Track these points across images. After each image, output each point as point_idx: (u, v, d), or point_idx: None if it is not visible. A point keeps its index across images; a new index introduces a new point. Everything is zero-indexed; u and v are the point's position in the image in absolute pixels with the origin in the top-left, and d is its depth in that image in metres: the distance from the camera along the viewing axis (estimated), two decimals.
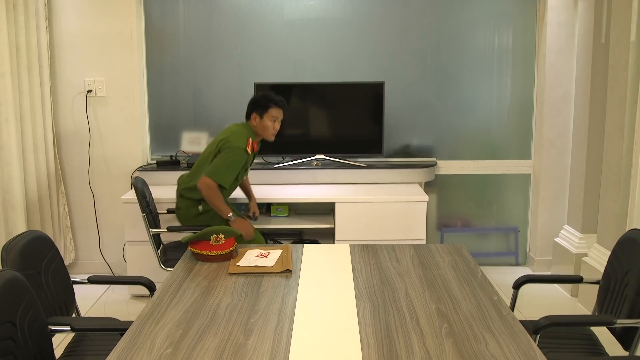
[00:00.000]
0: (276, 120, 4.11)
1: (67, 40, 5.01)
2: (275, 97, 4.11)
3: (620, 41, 4.16)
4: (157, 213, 4.45)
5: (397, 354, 2.06)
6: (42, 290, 2.70)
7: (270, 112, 4.07)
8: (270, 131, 4.12)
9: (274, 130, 4.13)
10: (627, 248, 2.78)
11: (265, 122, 4.08)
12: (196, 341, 2.16)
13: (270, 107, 4.07)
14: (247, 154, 4.03)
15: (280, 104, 4.11)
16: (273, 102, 4.08)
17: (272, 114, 4.08)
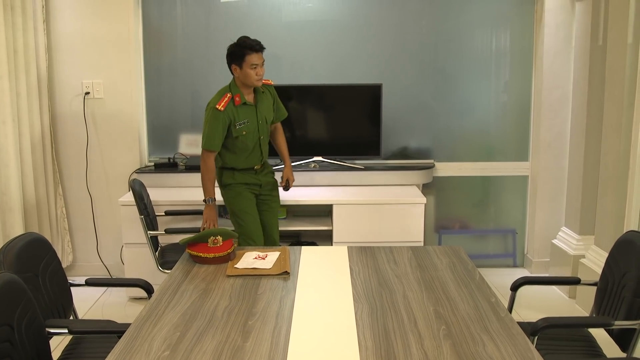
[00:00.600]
0: (257, 67, 3.85)
1: (65, 43, 5.01)
2: (250, 41, 3.86)
3: (618, 43, 4.16)
4: (154, 215, 4.45)
5: (395, 355, 2.06)
6: (40, 293, 2.70)
7: (248, 59, 3.83)
8: (254, 78, 3.88)
9: (258, 76, 3.88)
10: (625, 250, 2.78)
11: (245, 71, 3.86)
12: (194, 344, 2.16)
13: (246, 55, 3.82)
14: (219, 110, 3.86)
15: (256, 47, 3.84)
16: (248, 47, 3.83)
17: (251, 62, 3.83)
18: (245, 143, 4.01)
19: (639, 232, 2.77)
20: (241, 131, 3.96)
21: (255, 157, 4.09)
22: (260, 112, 4.04)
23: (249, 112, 3.99)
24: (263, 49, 3.88)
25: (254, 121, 4.00)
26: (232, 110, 3.92)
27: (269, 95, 4.13)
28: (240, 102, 3.94)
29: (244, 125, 3.97)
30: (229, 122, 3.93)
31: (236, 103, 3.92)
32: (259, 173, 4.15)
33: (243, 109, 3.96)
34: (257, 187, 4.16)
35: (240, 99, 3.94)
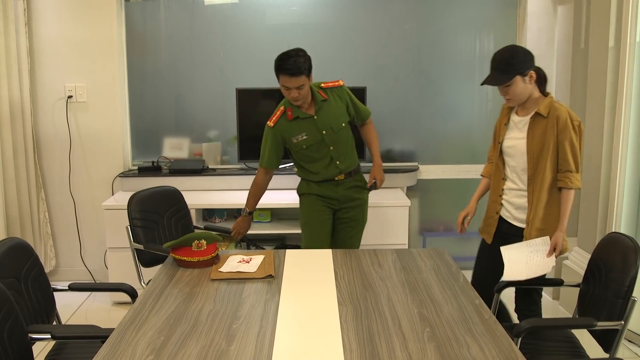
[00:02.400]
0: (289, 90, 3.55)
1: (47, 46, 4.98)
2: (280, 61, 3.53)
3: (599, 46, 4.20)
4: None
5: (380, 358, 2.06)
6: (22, 298, 2.68)
7: (280, 79, 3.56)
8: (288, 97, 3.62)
9: (292, 98, 3.59)
10: (607, 251, 2.80)
11: (282, 90, 3.61)
12: (178, 348, 2.15)
13: (279, 74, 3.56)
14: (269, 127, 3.72)
15: (283, 68, 3.50)
16: (277, 67, 3.55)
17: (282, 82, 3.56)
18: (310, 156, 3.78)
19: (621, 234, 2.80)
20: (301, 145, 3.74)
21: (332, 168, 3.79)
22: (322, 122, 3.72)
23: (307, 125, 3.71)
24: (296, 73, 3.50)
25: (315, 133, 3.71)
26: (285, 125, 3.72)
27: (337, 100, 3.80)
28: (293, 116, 3.70)
29: (303, 140, 3.72)
30: (282, 138, 3.75)
31: (288, 117, 3.70)
32: (340, 185, 3.85)
33: (298, 122, 3.71)
34: (335, 201, 3.86)
35: (292, 113, 3.70)
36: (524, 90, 3.06)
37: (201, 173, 5.05)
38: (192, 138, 5.30)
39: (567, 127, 3.00)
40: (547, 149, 3.05)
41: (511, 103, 3.15)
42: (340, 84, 3.86)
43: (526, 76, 3.04)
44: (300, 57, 3.54)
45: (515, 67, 3.01)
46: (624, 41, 3.95)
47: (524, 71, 3.02)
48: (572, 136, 3.00)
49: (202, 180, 5.04)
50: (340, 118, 3.79)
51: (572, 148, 3.01)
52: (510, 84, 3.04)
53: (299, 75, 3.50)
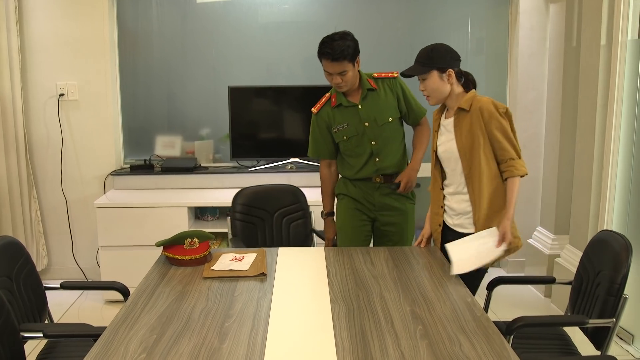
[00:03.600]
0: (332, 75, 3.37)
1: (39, 44, 4.96)
2: (323, 46, 3.32)
3: (591, 44, 4.21)
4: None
5: (372, 356, 2.06)
6: (14, 297, 2.67)
7: (323, 64, 3.37)
8: (331, 83, 3.43)
9: (336, 84, 3.40)
10: (599, 249, 2.81)
11: (325, 76, 3.43)
12: (170, 346, 2.15)
13: (322, 58, 3.36)
14: (314, 113, 3.55)
15: (326, 54, 3.30)
16: (319, 52, 3.35)
17: (325, 67, 3.37)
18: (351, 149, 3.54)
19: (612, 232, 2.81)
20: (341, 136, 3.52)
21: (370, 166, 3.54)
22: (367, 113, 3.48)
23: (350, 114, 3.49)
24: (339, 57, 3.29)
25: (356, 124, 3.48)
26: (329, 112, 3.53)
27: (387, 92, 3.54)
28: (336, 103, 3.50)
29: (343, 130, 3.50)
30: (326, 126, 3.56)
31: (332, 104, 3.51)
32: (378, 190, 3.59)
33: (341, 110, 3.50)
34: (371, 206, 3.61)
35: (336, 100, 3.50)
36: (441, 87, 3.02)
37: (193, 171, 5.04)
38: (185, 136, 5.29)
39: (493, 116, 2.91)
40: (477, 144, 2.95)
41: (430, 101, 3.09)
42: (394, 75, 3.57)
43: (444, 73, 3.00)
44: (346, 41, 3.31)
45: (433, 60, 3.00)
46: (616, 39, 3.97)
47: (441, 67, 2.99)
48: (501, 123, 2.91)
49: (194, 178, 5.04)
50: (388, 111, 3.51)
51: (506, 135, 2.91)
52: (427, 77, 3.02)
53: (342, 60, 3.29)
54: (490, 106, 2.93)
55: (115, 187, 5.07)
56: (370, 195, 3.59)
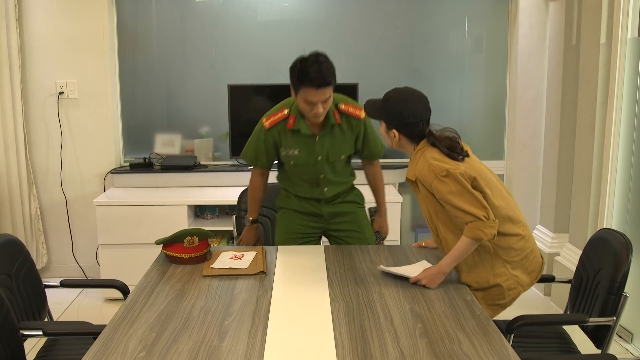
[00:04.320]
0: (314, 105, 2.97)
1: (38, 42, 4.96)
2: (309, 72, 2.89)
3: (591, 43, 4.21)
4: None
5: (372, 354, 2.06)
6: (14, 295, 2.67)
7: (303, 92, 2.95)
8: (308, 114, 3.03)
9: (314, 114, 3.00)
10: (598, 247, 2.81)
11: (299, 103, 3.03)
12: (170, 344, 2.15)
13: (302, 86, 2.94)
14: (264, 127, 3.18)
15: (316, 81, 2.88)
16: (307, 79, 2.90)
17: (305, 97, 2.96)
18: (297, 174, 3.33)
19: (612, 230, 2.81)
20: (289, 160, 3.27)
21: (317, 192, 3.35)
22: (322, 147, 3.20)
23: (304, 143, 3.19)
24: (328, 83, 2.93)
25: (308, 154, 3.22)
26: (281, 132, 3.19)
27: (349, 130, 3.24)
28: (294, 127, 3.15)
29: (293, 155, 3.23)
30: (274, 143, 3.25)
31: (288, 126, 3.16)
32: (324, 204, 3.41)
33: (296, 135, 3.18)
34: (319, 217, 3.42)
35: (294, 124, 3.15)
36: (386, 138, 2.79)
37: (193, 169, 5.04)
38: (184, 134, 5.29)
39: (433, 186, 2.63)
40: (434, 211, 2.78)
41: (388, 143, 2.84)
42: (360, 116, 3.22)
43: (389, 130, 2.75)
44: (328, 61, 2.98)
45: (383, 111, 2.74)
46: (616, 37, 3.97)
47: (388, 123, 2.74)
48: (443, 191, 2.61)
49: (193, 176, 5.04)
50: (343, 149, 3.27)
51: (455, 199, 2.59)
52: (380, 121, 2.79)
53: (330, 84, 2.95)
54: (426, 176, 2.65)
55: (114, 185, 5.07)
56: (317, 208, 3.41)
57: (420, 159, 2.70)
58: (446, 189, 2.61)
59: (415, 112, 2.71)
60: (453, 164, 2.63)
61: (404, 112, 2.69)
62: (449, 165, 2.61)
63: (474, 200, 2.58)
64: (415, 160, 2.74)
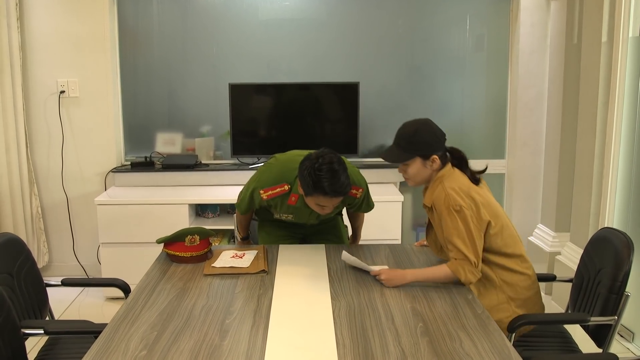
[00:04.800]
0: (325, 207, 2.95)
1: (39, 41, 4.96)
2: (329, 185, 2.81)
3: (592, 42, 4.20)
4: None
5: (373, 353, 2.06)
6: (15, 294, 2.67)
7: (317, 198, 2.90)
8: (317, 211, 3.02)
9: (322, 212, 3.00)
10: (600, 246, 2.81)
11: (309, 202, 2.97)
12: (171, 343, 2.15)
13: (316, 193, 2.86)
14: (260, 197, 3.14)
15: (331, 194, 2.84)
16: (322, 191, 2.83)
17: (317, 201, 2.92)
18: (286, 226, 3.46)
19: (613, 229, 2.80)
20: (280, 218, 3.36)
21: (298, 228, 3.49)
22: (317, 215, 3.26)
23: (301, 212, 3.24)
24: (341, 195, 2.88)
25: (301, 219, 3.31)
26: (278, 202, 3.18)
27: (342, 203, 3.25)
28: (296, 204, 3.15)
29: (286, 218, 3.32)
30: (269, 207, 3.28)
31: (289, 202, 3.15)
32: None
33: (294, 206, 3.19)
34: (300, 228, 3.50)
35: (296, 202, 3.14)
36: (422, 173, 2.79)
37: (194, 168, 5.04)
38: (185, 133, 5.29)
39: (442, 215, 2.68)
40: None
41: (408, 183, 2.84)
42: (356, 195, 3.21)
43: (427, 159, 2.75)
44: (343, 173, 2.86)
45: (416, 146, 2.74)
46: (617, 36, 3.96)
47: (425, 153, 2.74)
48: (447, 222, 2.66)
49: (194, 175, 5.04)
50: (335, 211, 3.28)
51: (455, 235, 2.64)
52: (409, 164, 2.78)
53: (343, 196, 2.93)
54: (440, 204, 2.69)
55: (115, 184, 5.07)
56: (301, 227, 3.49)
57: (439, 187, 2.74)
58: (452, 224, 2.66)
59: (438, 131, 2.79)
60: (468, 201, 2.67)
61: (435, 134, 2.77)
62: (464, 202, 2.65)
63: (471, 243, 2.64)
64: (433, 187, 2.78)
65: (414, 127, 2.77)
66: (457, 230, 2.65)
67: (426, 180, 2.83)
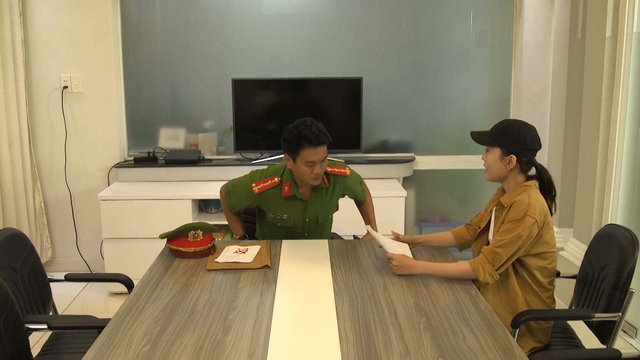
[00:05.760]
0: (314, 164, 3.09)
1: (42, 36, 4.95)
2: (308, 131, 3.05)
3: (596, 37, 4.19)
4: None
5: (376, 348, 2.06)
6: (18, 289, 2.68)
7: (303, 154, 3.07)
8: (309, 177, 3.13)
9: (315, 175, 3.12)
10: (604, 243, 2.81)
11: (299, 167, 3.11)
12: (174, 338, 2.15)
13: (301, 148, 3.06)
14: (252, 191, 3.27)
15: (314, 140, 3.04)
16: (305, 138, 3.04)
17: (307, 158, 3.07)
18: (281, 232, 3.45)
19: (618, 226, 2.80)
20: (276, 222, 3.39)
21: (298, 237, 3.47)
22: (312, 210, 3.36)
23: (295, 208, 3.32)
24: (326, 142, 3.10)
25: (297, 218, 3.36)
26: (272, 197, 3.28)
27: (336, 190, 3.40)
28: (289, 193, 3.25)
29: (281, 219, 3.36)
30: (261, 204, 3.35)
31: (283, 193, 3.25)
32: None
33: (287, 201, 3.29)
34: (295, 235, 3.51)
35: (289, 191, 3.25)
36: (497, 166, 2.80)
37: (197, 164, 5.04)
38: (188, 128, 5.29)
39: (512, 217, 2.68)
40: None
41: (486, 175, 2.87)
42: (346, 173, 3.41)
43: (506, 156, 2.77)
44: (318, 124, 3.15)
45: (502, 137, 2.79)
46: (621, 31, 3.95)
47: (506, 148, 2.77)
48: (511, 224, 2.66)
49: (198, 170, 5.04)
50: (330, 210, 3.45)
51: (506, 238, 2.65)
52: (490, 150, 2.84)
53: (325, 143, 3.10)
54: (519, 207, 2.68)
55: (119, 179, 5.07)
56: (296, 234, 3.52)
57: (524, 192, 2.74)
58: (515, 229, 2.64)
59: (534, 139, 2.80)
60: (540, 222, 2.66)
61: (527, 138, 2.77)
62: (538, 219, 2.65)
63: (508, 252, 2.65)
64: (517, 191, 2.77)
65: (510, 122, 2.84)
66: (510, 234, 2.64)
67: (499, 177, 2.84)
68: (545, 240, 2.71)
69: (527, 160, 2.79)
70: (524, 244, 2.66)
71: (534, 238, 2.67)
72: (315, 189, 3.32)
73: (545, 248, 2.72)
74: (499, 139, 2.79)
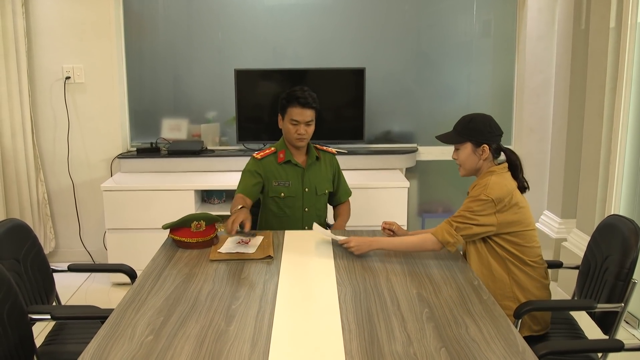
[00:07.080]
0: (298, 124, 3.36)
1: (45, 26, 4.95)
2: (298, 93, 3.35)
3: (600, 27, 4.17)
4: None
5: (378, 338, 2.07)
6: (22, 279, 2.68)
7: (290, 112, 3.37)
8: (293, 135, 3.39)
9: (298, 135, 3.38)
10: (607, 233, 2.80)
11: (286, 125, 3.40)
12: (177, 328, 2.16)
13: (289, 106, 3.37)
14: (255, 158, 3.49)
15: (302, 100, 3.33)
16: (293, 98, 3.35)
17: (292, 115, 3.36)
18: (282, 209, 3.53)
19: (620, 216, 2.80)
20: (279, 192, 3.49)
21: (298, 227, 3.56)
22: (309, 179, 3.52)
23: (294, 174, 3.50)
24: (313, 106, 3.37)
25: (297, 186, 3.50)
26: (271, 165, 3.48)
27: (327, 165, 3.63)
28: (285, 159, 3.47)
29: (284, 187, 3.49)
30: (264, 175, 3.48)
31: (279, 160, 3.47)
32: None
33: (286, 168, 3.49)
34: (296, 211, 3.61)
35: (284, 156, 3.47)
36: (471, 160, 2.90)
37: (200, 154, 5.04)
38: (191, 119, 5.28)
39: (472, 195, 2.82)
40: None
41: (460, 171, 2.98)
42: (333, 152, 3.70)
43: (478, 147, 2.86)
44: (311, 91, 3.41)
45: (470, 132, 2.88)
46: (625, 22, 3.93)
47: (477, 140, 2.86)
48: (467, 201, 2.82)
49: (200, 161, 5.04)
50: (326, 183, 3.61)
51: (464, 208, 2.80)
52: (460, 148, 2.93)
53: (312, 107, 3.38)
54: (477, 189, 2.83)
55: (121, 170, 5.07)
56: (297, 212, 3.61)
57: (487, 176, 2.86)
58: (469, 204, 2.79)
59: (497, 126, 2.91)
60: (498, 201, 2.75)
61: (492, 125, 2.88)
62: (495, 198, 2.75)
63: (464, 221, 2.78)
64: (483, 177, 2.89)
65: (472, 116, 2.94)
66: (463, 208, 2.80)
67: (475, 169, 2.93)
68: (516, 220, 2.77)
69: (496, 146, 2.90)
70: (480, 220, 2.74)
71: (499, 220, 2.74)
72: (310, 157, 3.54)
73: (517, 227, 2.78)
74: (468, 133, 2.89)
